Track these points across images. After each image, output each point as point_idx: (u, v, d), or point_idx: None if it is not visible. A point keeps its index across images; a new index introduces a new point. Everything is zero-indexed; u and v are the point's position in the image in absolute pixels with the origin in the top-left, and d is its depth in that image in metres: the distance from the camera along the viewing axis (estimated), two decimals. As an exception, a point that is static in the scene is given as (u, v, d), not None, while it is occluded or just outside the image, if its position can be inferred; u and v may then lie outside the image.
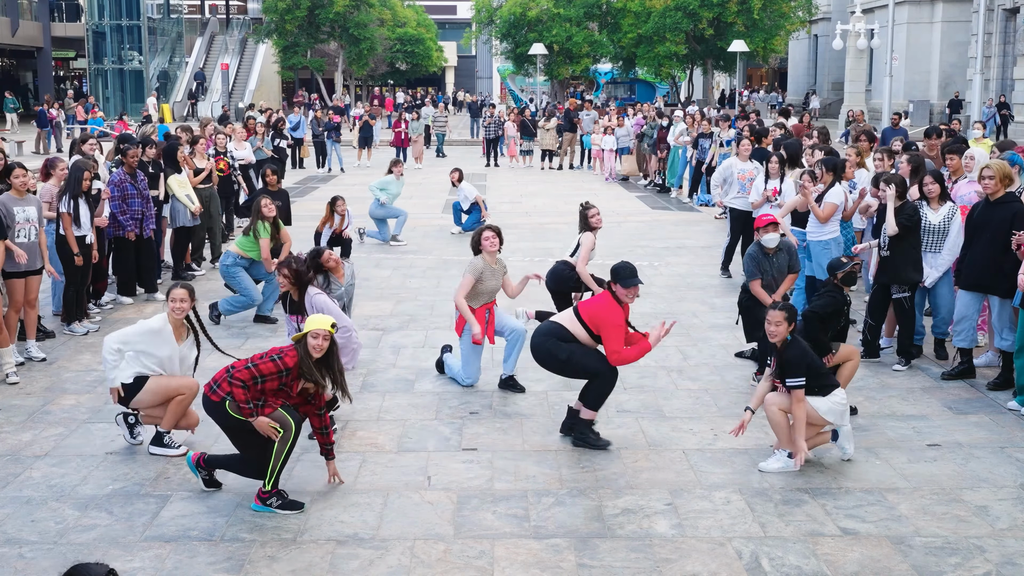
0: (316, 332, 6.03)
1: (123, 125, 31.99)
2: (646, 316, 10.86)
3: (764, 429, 7.47)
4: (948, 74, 40.47)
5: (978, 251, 8.45)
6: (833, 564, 5.47)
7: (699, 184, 20.40)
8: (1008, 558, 5.54)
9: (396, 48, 54.87)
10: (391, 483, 6.54)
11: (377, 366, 9.13)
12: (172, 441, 7.05)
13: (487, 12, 49.01)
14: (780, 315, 6.66)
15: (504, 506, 6.20)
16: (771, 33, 43.04)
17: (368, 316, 10.94)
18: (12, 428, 7.55)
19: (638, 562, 5.49)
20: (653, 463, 6.89)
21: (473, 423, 7.67)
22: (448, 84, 72.59)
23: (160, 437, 7.05)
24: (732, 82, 53.47)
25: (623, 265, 7.10)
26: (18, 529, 5.89)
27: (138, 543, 5.72)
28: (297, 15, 48.21)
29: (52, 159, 10.63)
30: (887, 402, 8.15)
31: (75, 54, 56.43)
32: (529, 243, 15.30)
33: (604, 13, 46.90)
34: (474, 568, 5.44)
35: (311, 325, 6.07)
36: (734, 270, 13.11)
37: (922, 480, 6.60)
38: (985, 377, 8.67)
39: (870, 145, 12.60)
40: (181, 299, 6.95)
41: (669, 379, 8.78)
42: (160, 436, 7.05)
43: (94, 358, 9.34)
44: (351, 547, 5.67)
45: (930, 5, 40.87)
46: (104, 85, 50.40)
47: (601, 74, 54.57)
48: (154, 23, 51.62)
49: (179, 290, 6.99)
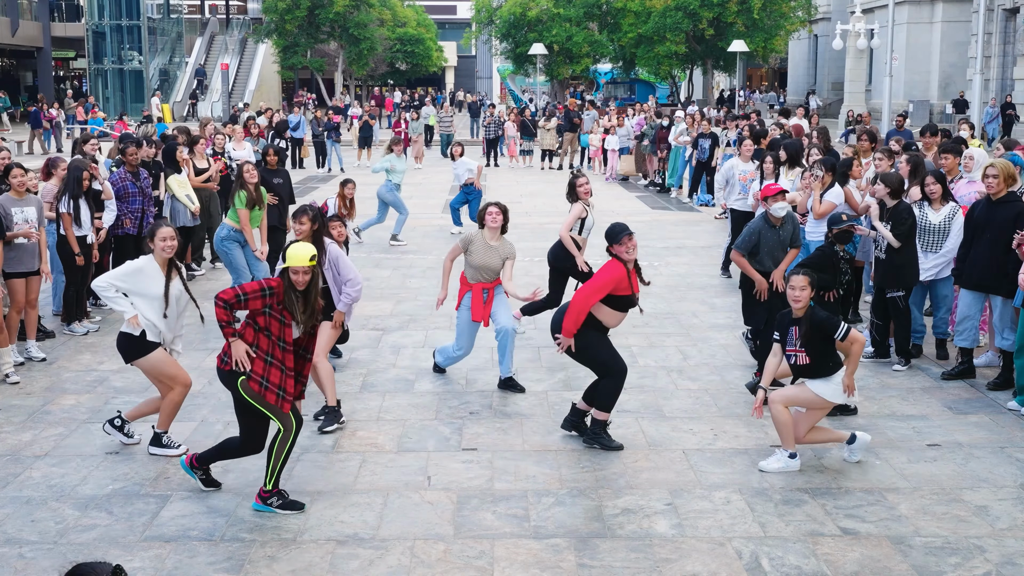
0: (296, 268, 5.97)
1: (123, 125, 32.00)
2: (646, 316, 10.87)
3: (764, 429, 7.47)
4: (948, 74, 40.47)
5: (980, 251, 8.45)
6: (833, 564, 5.47)
7: (699, 184, 20.40)
8: (1008, 558, 5.54)
9: (396, 48, 54.83)
10: (391, 483, 6.54)
11: (377, 366, 9.13)
12: (171, 441, 7.05)
13: (487, 12, 49.00)
14: (804, 279, 6.60)
15: (504, 506, 6.20)
16: (771, 33, 43.04)
17: (368, 316, 10.94)
18: (12, 428, 7.55)
19: (638, 562, 5.49)
20: (653, 463, 6.89)
21: (473, 423, 7.67)
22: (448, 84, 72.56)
23: (159, 438, 7.04)
24: (732, 82, 53.46)
25: (611, 226, 7.03)
26: (18, 529, 5.89)
27: (138, 543, 5.72)
28: (297, 15, 48.19)
29: (53, 159, 10.63)
30: (887, 402, 8.15)
31: (75, 54, 56.43)
32: (529, 243, 15.29)
33: (604, 13, 46.90)
34: (474, 568, 5.44)
35: (292, 260, 6.00)
36: (734, 270, 13.11)
37: (922, 480, 6.60)
38: (985, 377, 8.67)
39: (871, 145, 12.59)
40: (171, 237, 6.88)
41: (669, 379, 8.78)
42: (158, 437, 7.04)
43: (94, 358, 9.35)
44: (351, 547, 5.67)
45: (930, 5, 40.88)
46: (104, 85, 50.41)
47: (601, 74, 54.56)
48: (154, 23, 51.62)
49: (166, 228, 6.91)
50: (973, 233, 8.55)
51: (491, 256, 8.30)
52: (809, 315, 6.58)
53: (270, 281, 6.03)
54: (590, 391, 7.28)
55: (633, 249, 6.97)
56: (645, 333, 10.25)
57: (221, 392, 8.35)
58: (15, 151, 29.23)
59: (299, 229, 7.64)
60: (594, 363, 7.14)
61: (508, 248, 8.38)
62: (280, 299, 5.99)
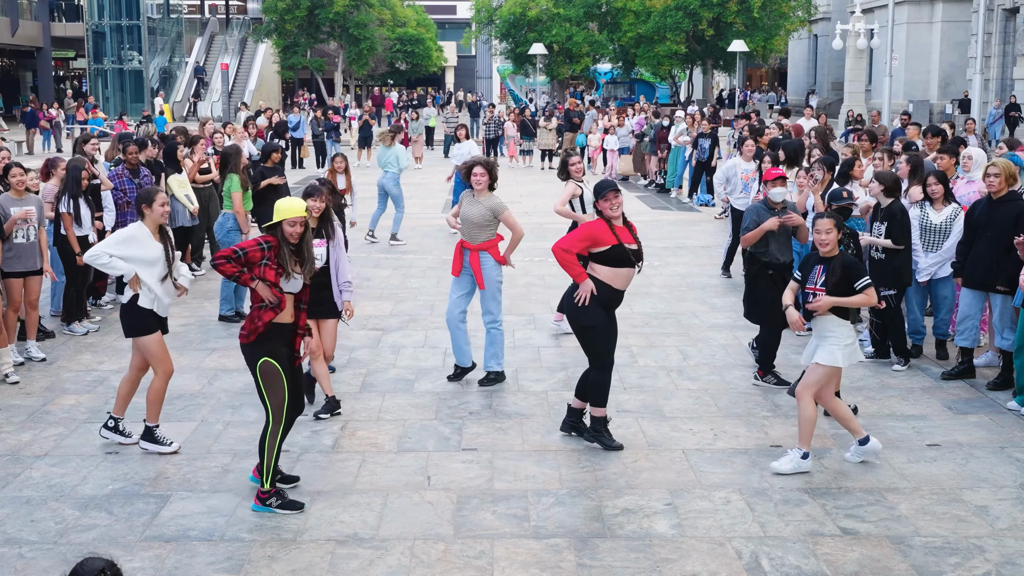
0: (293, 220, 6.00)
1: (123, 125, 32.01)
2: (646, 316, 10.87)
3: (765, 429, 7.47)
4: (948, 74, 40.45)
5: (982, 250, 8.45)
6: (833, 564, 5.47)
7: (699, 184, 20.40)
8: (1008, 558, 5.54)
9: (396, 48, 54.80)
10: (391, 483, 6.54)
11: (377, 366, 9.13)
12: (164, 438, 7.05)
13: (487, 12, 48.96)
14: (829, 222, 6.74)
15: (504, 506, 6.19)
16: (771, 33, 43.01)
17: (368, 316, 10.94)
18: (12, 428, 7.55)
19: (638, 562, 5.49)
20: (653, 463, 6.89)
21: (473, 423, 7.67)
22: (448, 84, 72.54)
23: (150, 432, 7.05)
24: (732, 82, 53.45)
25: (598, 182, 7.14)
26: (18, 529, 5.89)
27: (138, 543, 5.72)
28: (297, 15, 48.16)
29: (53, 159, 10.63)
30: (887, 402, 8.15)
31: (75, 54, 56.43)
32: (529, 243, 15.27)
33: (604, 13, 46.87)
34: (474, 568, 5.44)
35: (285, 213, 6.01)
36: (734, 270, 13.12)
37: (922, 480, 6.60)
38: (985, 377, 8.67)
39: (871, 145, 12.58)
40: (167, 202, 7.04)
41: (669, 379, 8.78)
42: (150, 431, 7.05)
43: (94, 358, 9.35)
44: (351, 547, 5.67)
45: (930, 5, 40.85)
46: (104, 85, 50.42)
47: (601, 74, 54.54)
48: (154, 23, 51.64)
49: (162, 194, 7.02)
50: (974, 232, 8.55)
51: (474, 208, 8.39)
52: (841, 256, 6.74)
53: (266, 236, 6.06)
54: (580, 386, 7.28)
55: (617, 207, 6.99)
56: (645, 333, 10.25)
57: (221, 392, 8.36)
58: (15, 151, 29.24)
59: (317, 207, 7.53)
60: (590, 346, 7.13)
61: (494, 201, 8.40)
62: (276, 250, 6.01)
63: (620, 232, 6.99)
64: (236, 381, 8.56)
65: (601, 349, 7.09)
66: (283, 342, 6.13)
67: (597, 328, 7.04)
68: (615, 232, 6.97)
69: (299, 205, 6.09)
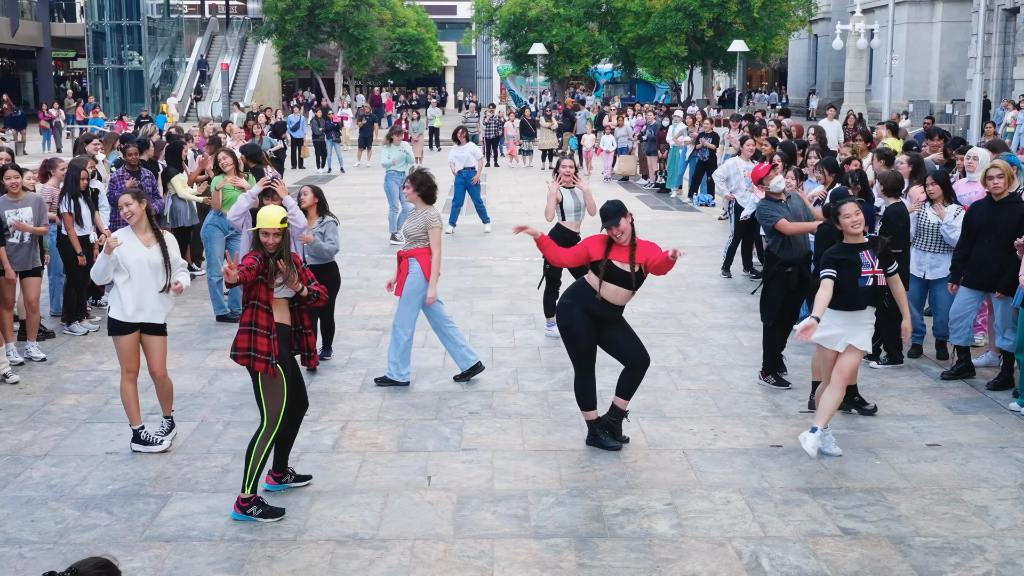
0: (267, 230, 6.02)
1: (123, 125, 32.00)
2: (646, 316, 10.87)
3: (765, 429, 7.48)
4: (948, 74, 40.44)
5: (984, 251, 8.44)
6: (833, 564, 5.47)
7: (699, 184, 20.39)
8: (1008, 558, 5.54)
9: (396, 48, 54.78)
10: (391, 483, 6.54)
11: (377, 366, 9.13)
12: (151, 437, 7.06)
13: (487, 12, 48.95)
14: (853, 206, 6.81)
15: (504, 506, 6.20)
16: (771, 33, 43.01)
17: (368, 316, 10.94)
18: (12, 428, 7.55)
19: (638, 562, 5.49)
20: (653, 463, 6.89)
21: (473, 423, 7.67)
22: (448, 84, 72.51)
23: (136, 435, 7.06)
24: (732, 82, 53.43)
25: (604, 206, 7.01)
26: (18, 529, 5.89)
27: (138, 543, 5.72)
28: (297, 15, 48.15)
29: (52, 160, 10.65)
30: (887, 402, 8.15)
31: (75, 54, 56.45)
32: (529, 243, 15.28)
33: (604, 13, 46.87)
34: (474, 568, 5.44)
35: (263, 222, 6.05)
36: (734, 270, 13.13)
37: (922, 480, 6.60)
38: (985, 377, 8.67)
39: (867, 145, 12.57)
40: (126, 203, 6.89)
41: (669, 379, 8.78)
42: (136, 434, 7.06)
43: (94, 358, 9.35)
44: (351, 547, 5.67)
45: (930, 5, 40.85)
46: (104, 85, 50.42)
47: (601, 74, 54.54)
48: (154, 23, 51.63)
49: (125, 195, 6.94)
50: (975, 233, 8.54)
51: (413, 220, 8.56)
52: (879, 239, 6.85)
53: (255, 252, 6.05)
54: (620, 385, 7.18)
55: (622, 233, 6.90)
56: (645, 333, 10.22)
57: (221, 392, 8.36)
58: (16, 152, 29.24)
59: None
60: (569, 348, 7.12)
61: (429, 214, 8.48)
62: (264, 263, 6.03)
63: (617, 250, 6.97)
64: (236, 381, 8.56)
65: (574, 351, 7.08)
66: (282, 343, 6.12)
67: (571, 329, 7.03)
68: (610, 248, 6.98)
69: (277, 215, 6.06)
